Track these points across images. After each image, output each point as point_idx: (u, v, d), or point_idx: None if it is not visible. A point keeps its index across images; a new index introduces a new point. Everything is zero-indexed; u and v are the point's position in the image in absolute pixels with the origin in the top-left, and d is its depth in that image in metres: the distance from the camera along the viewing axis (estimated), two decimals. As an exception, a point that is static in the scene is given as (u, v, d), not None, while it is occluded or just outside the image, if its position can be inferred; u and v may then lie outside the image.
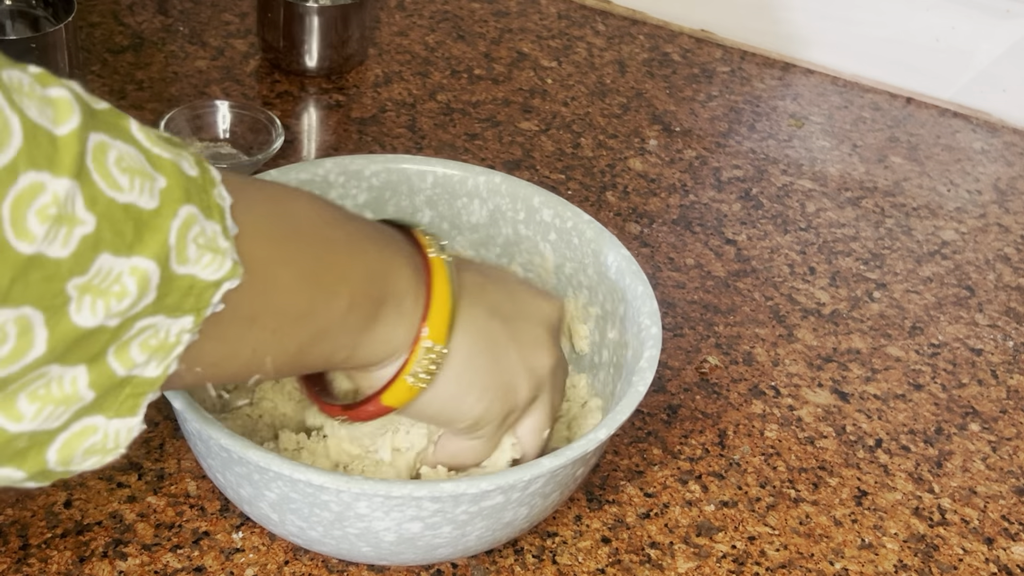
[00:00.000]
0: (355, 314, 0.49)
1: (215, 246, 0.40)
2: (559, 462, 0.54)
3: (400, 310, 0.51)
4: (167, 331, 0.40)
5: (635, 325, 0.63)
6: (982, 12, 1.04)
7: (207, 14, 1.04)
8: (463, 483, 0.52)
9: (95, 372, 0.39)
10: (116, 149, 0.37)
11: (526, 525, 0.59)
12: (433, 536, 0.55)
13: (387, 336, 0.51)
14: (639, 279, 0.64)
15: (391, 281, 0.51)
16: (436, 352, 0.52)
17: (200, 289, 0.40)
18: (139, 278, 0.38)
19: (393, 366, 0.52)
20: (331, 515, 0.54)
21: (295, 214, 0.48)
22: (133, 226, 0.38)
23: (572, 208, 0.69)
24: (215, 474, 0.57)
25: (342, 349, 0.50)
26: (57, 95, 0.36)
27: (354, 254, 0.50)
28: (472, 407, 0.55)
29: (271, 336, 0.46)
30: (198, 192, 0.40)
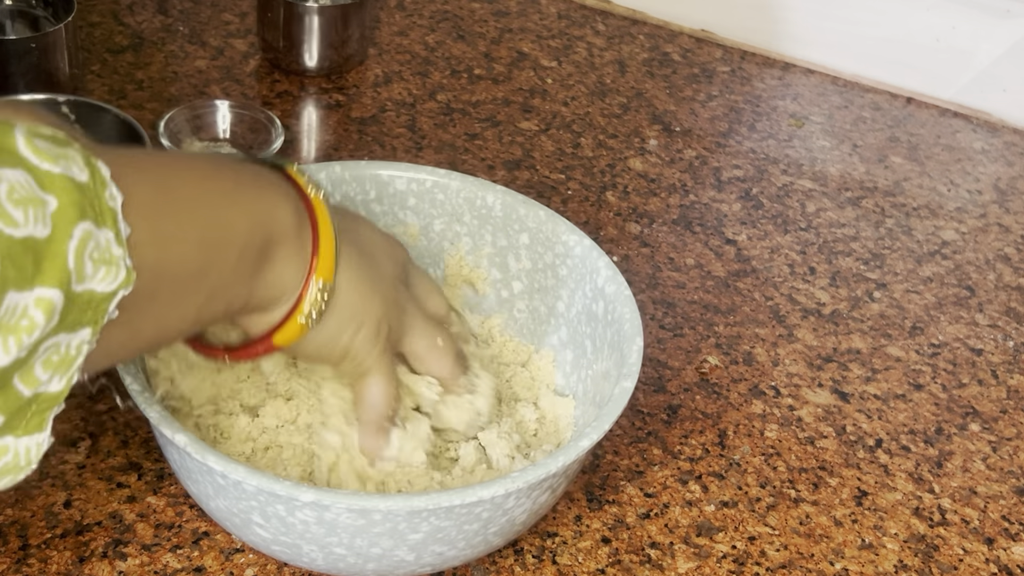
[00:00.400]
0: (245, 262, 0.50)
1: (109, 257, 0.40)
2: (552, 466, 0.54)
3: (287, 249, 0.52)
4: (67, 346, 0.40)
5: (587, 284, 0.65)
6: (982, 12, 1.04)
7: (207, 14, 1.04)
8: (447, 495, 0.52)
9: (2, 398, 0.39)
10: (7, 180, 0.37)
11: (522, 528, 0.59)
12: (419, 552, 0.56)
13: (278, 277, 0.52)
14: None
15: (274, 222, 0.51)
16: (326, 290, 0.53)
17: (97, 302, 0.40)
18: (45, 307, 0.38)
19: (283, 307, 0.53)
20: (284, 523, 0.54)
21: (174, 181, 0.47)
22: (32, 258, 0.37)
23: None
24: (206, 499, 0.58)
25: (237, 299, 0.51)
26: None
27: (235, 203, 0.50)
28: (351, 339, 0.56)
29: (170, 307, 0.46)
30: (90, 202, 0.40)
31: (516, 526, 0.58)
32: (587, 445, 0.55)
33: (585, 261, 0.67)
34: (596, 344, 0.66)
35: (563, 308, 0.69)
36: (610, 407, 0.58)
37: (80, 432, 0.66)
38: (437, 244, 0.72)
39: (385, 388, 0.59)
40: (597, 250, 0.67)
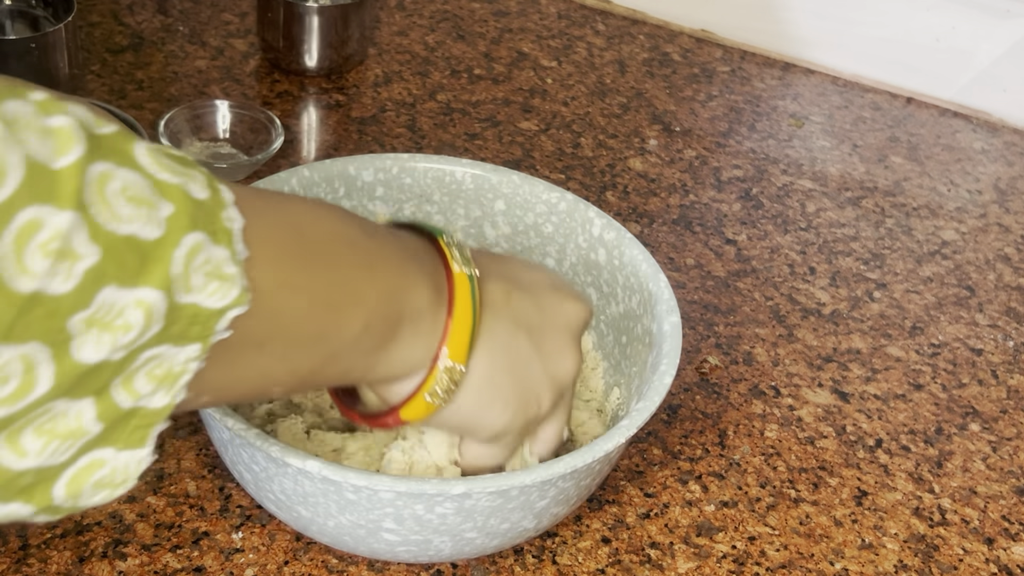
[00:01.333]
0: (370, 335, 0.48)
1: (221, 273, 0.39)
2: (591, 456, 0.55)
3: (418, 329, 0.50)
4: (173, 360, 0.39)
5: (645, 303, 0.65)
6: (982, 12, 1.04)
7: (207, 14, 1.04)
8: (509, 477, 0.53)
9: (102, 404, 0.38)
10: (119, 179, 0.37)
11: (547, 524, 0.60)
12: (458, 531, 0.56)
13: (403, 356, 0.51)
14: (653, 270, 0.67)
15: (409, 300, 0.50)
16: (455, 371, 0.52)
17: (205, 317, 0.39)
18: (144, 310, 0.37)
19: (412, 381, 0.52)
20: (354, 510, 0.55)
21: (312, 233, 0.46)
22: (137, 257, 0.37)
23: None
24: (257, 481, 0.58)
25: (355, 369, 0.49)
26: (59, 125, 0.35)
27: (372, 274, 0.48)
28: (494, 420, 0.55)
29: (280, 360, 0.45)
30: (206, 217, 0.39)
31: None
32: (668, 382, 0.59)
33: (573, 215, 0.69)
34: (605, 290, 0.68)
35: (553, 263, 0.71)
36: (671, 342, 0.61)
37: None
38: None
39: (498, 463, 0.58)
40: (584, 202, 0.69)
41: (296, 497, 0.55)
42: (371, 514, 0.54)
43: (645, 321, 0.65)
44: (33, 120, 0.35)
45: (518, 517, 0.56)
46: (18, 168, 0.33)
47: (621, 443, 0.56)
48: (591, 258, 0.69)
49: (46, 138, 0.35)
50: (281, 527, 0.63)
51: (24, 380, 0.35)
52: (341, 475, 0.52)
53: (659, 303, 0.64)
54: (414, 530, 0.55)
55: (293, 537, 0.62)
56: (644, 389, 0.60)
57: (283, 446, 0.52)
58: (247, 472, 0.57)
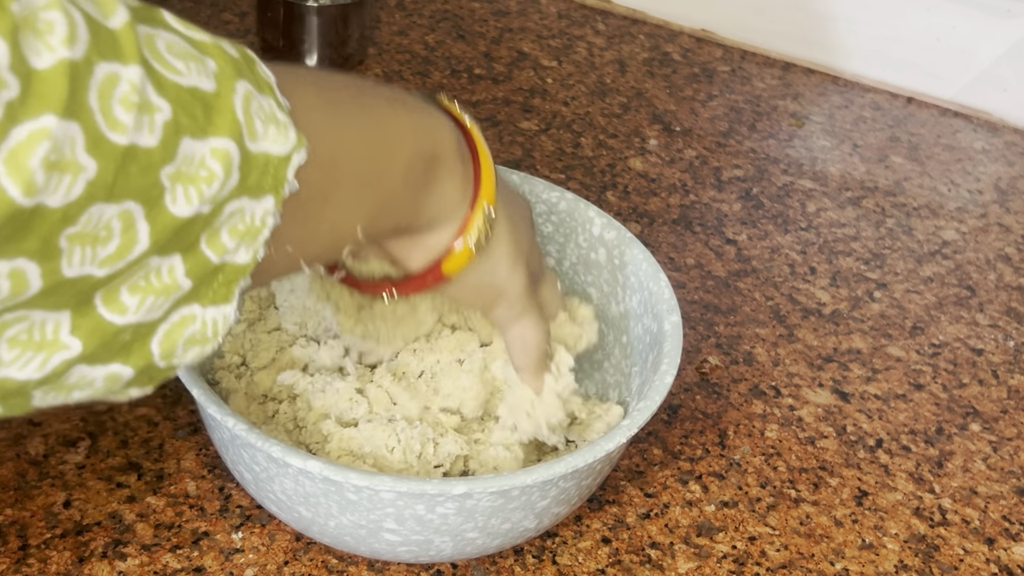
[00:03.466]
0: (413, 173, 0.49)
1: (276, 119, 0.40)
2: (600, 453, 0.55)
3: (451, 169, 0.51)
4: (252, 214, 0.40)
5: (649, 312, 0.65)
6: (983, 12, 1.04)
7: (207, 13, 1.04)
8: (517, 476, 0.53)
9: (190, 260, 0.39)
10: (163, 38, 0.37)
11: (548, 522, 0.60)
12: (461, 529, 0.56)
13: (443, 195, 0.51)
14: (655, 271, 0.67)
15: (439, 138, 0.51)
16: (491, 215, 0.53)
17: (275, 165, 0.40)
18: (222, 158, 0.38)
19: (445, 233, 0.52)
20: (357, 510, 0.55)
21: (331, 85, 0.47)
22: (202, 108, 0.37)
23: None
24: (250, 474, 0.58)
25: (406, 213, 0.50)
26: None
27: (398, 114, 0.49)
28: (508, 274, 0.56)
29: (344, 210, 0.46)
30: (246, 69, 0.40)
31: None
32: (669, 381, 0.58)
33: (573, 214, 0.69)
34: (605, 289, 0.68)
35: (553, 263, 0.71)
36: (671, 341, 0.61)
37: (79, 432, 0.66)
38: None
39: (542, 329, 0.59)
40: (584, 202, 0.69)
41: (297, 497, 0.55)
42: (372, 514, 0.54)
43: (646, 321, 0.65)
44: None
45: (519, 517, 0.56)
46: (84, 26, 0.34)
47: (622, 443, 0.56)
48: (591, 258, 0.69)
49: (93, 2, 0.35)
50: (281, 527, 0.63)
51: (125, 238, 0.36)
52: (342, 475, 0.52)
53: (660, 303, 0.64)
54: (415, 530, 0.55)
55: (293, 537, 0.62)
56: (645, 389, 0.60)
57: (284, 446, 0.52)
58: (247, 472, 0.57)
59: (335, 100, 0.46)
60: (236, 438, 0.55)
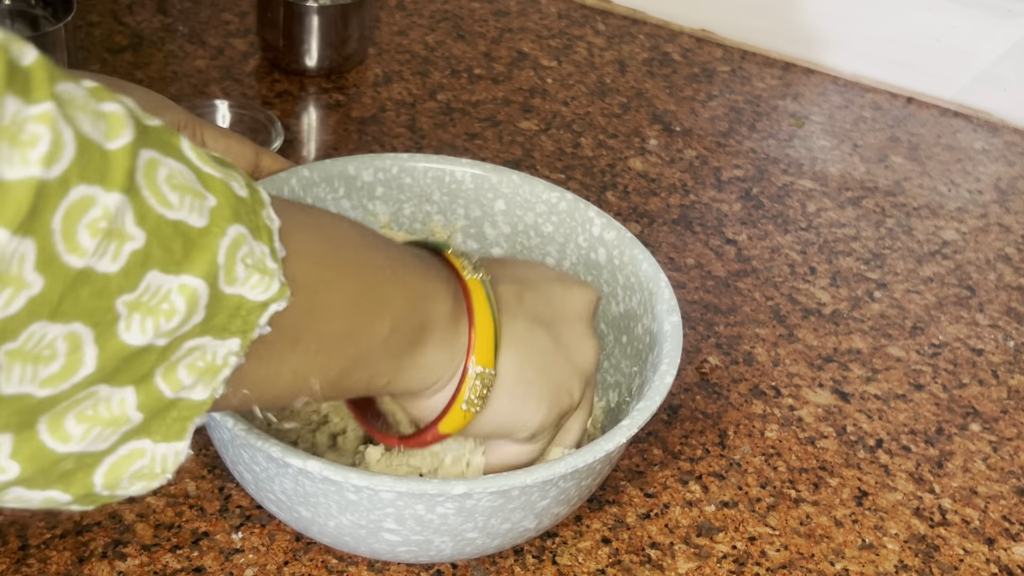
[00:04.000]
0: (396, 339, 0.49)
1: (263, 267, 0.40)
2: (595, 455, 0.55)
3: (442, 336, 0.51)
4: (214, 353, 0.40)
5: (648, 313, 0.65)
6: (983, 12, 1.03)
7: (206, 13, 1.04)
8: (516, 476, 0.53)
9: (143, 393, 0.38)
10: (167, 166, 0.37)
11: (548, 523, 0.60)
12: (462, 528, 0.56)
13: (429, 362, 0.51)
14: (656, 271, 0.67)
15: (431, 306, 0.51)
16: (486, 376, 0.53)
17: (247, 310, 0.40)
18: (188, 296, 0.37)
19: (443, 393, 0.53)
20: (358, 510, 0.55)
21: (338, 237, 0.48)
22: (182, 243, 0.37)
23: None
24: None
25: (383, 374, 0.50)
26: (110, 110, 0.36)
27: (395, 278, 0.49)
28: (530, 418, 0.56)
29: (313, 358, 0.45)
30: (247, 212, 0.40)
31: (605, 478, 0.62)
32: (669, 381, 0.59)
33: (573, 215, 0.69)
34: (605, 289, 0.68)
35: (554, 263, 0.71)
36: (671, 341, 0.61)
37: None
38: (408, 227, 0.72)
39: (531, 460, 0.59)
40: (584, 202, 0.69)
41: (297, 497, 0.55)
42: (372, 514, 0.54)
43: (646, 321, 0.65)
44: (86, 102, 0.35)
45: (519, 517, 0.56)
46: (71, 145, 0.34)
47: (622, 443, 0.56)
48: (591, 258, 0.69)
49: (98, 120, 0.35)
50: (281, 527, 0.63)
51: (69, 360, 0.36)
52: (342, 475, 0.52)
53: (660, 303, 0.64)
54: (415, 530, 0.55)
55: (293, 537, 0.62)
56: (645, 389, 0.60)
57: (283, 446, 0.52)
58: (247, 472, 0.57)
59: (334, 257, 0.46)
60: (236, 438, 0.55)
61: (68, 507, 0.40)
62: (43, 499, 0.39)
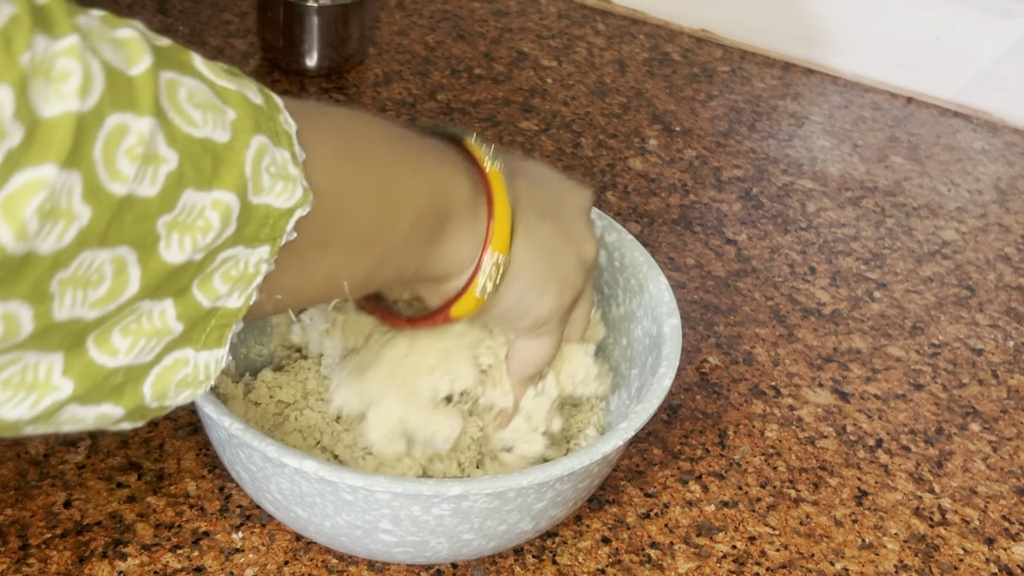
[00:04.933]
0: (420, 231, 0.50)
1: (286, 173, 0.41)
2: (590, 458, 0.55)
3: (463, 223, 0.52)
4: (246, 261, 0.41)
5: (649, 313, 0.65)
6: (983, 12, 1.04)
7: (207, 14, 1.04)
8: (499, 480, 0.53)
9: (182, 304, 0.40)
10: (186, 86, 0.38)
11: (546, 524, 0.60)
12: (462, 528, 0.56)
13: (453, 250, 0.52)
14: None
15: (452, 195, 0.52)
16: (501, 263, 0.54)
17: (275, 218, 0.41)
18: (221, 211, 0.38)
19: (460, 278, 0.54)
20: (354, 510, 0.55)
21: (356, 135, 0.48)
22: (211, 160, 0.38)
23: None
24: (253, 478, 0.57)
25: (409, 265, 0.51)
26: (126, 36, 0.36)
27: (415, 171, 0.50)
28: (535, 305, 0.57)
29: (343, 260, 0.47)
30: (266, 120, 0.40)
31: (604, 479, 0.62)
32: (668, 384, 0.59)
33: None
34: (606, 292, 0.68)
35: None
36: (670, 344, 0.61)
37: (80, 432, 0.66)
38: None
39: (551, 351, 0.60)
40: None
41: (293, 497, 0.55)
42: (368, 515, 0.54)
43: (645, 323, 0.65)
44: (103, 31, 0.36)
45: (515, 519, 0.56)
46: (100, 76, 0.34)
47: (619, 445, 0.56)
48: None
49: (118, 48, 0.36)
50: (281, 527, 0.63)
51: (116, 282, 0.37)
52: (338, 475, 0.52)
53: (659, 305, 0.64)
54: (411, 531, 0.55)
55: (293, 537, 0.62)
56: (643, 391, 0.60)
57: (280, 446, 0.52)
58: (244, 472, 0.57)
59: (353, 151, 0.47)
60: (232, 438, 0.55)
61: (119, 425, 0.41)
62: (97, 415, 0.40)
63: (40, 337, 0.36)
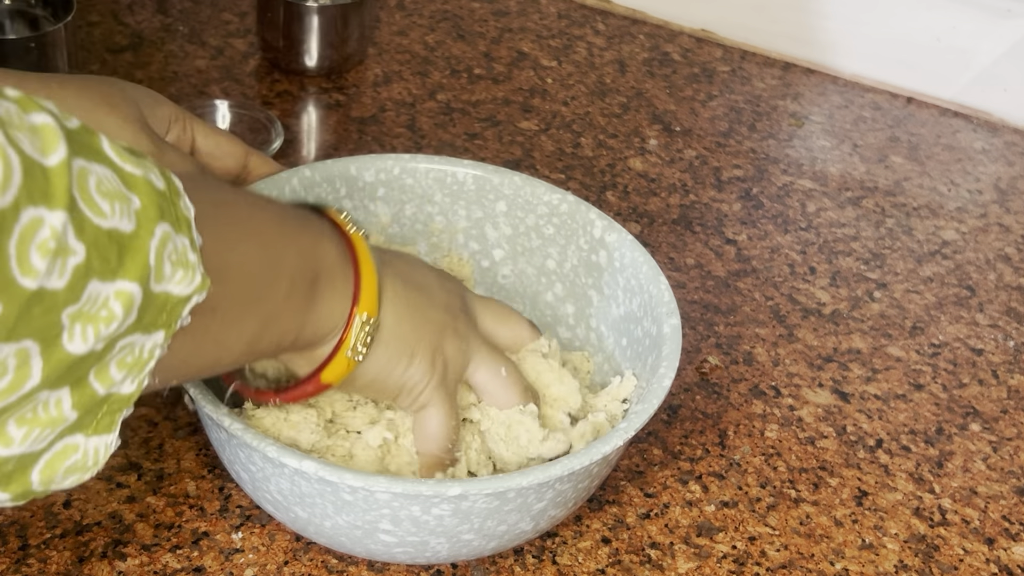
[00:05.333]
0: (295, 294, 0.51)
1: (186, 261, 0.41)
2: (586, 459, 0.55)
3: (333, 285, 0.53)
4: (141, 347, 0.41)
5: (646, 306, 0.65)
6: (983, 12, 1.03)
7: (206, 13, 1.04)
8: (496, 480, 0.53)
9: (78, 393, 0.40)
10: (95, 173, 0.38)
11: (545, 525, 0.60)
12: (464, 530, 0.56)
13: (326, 313, 0.53)
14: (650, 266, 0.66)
15: (320, 258, 0.52)
16: (371, 324, 0.54)
17: (173, 304, 0.41)
18: (124, 301, 0.39)
19: (329, 344, 0.54)
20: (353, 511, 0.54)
21: (230, 204, 0.49)
22: (117, 250, 0.38)
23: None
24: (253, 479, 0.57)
25: (290, 331, 0.52)
26: (41, 123, 0.36)
27: (285, 236, 0.51)
28: (405, 372, 0.57)
29: (230, 324, 0.47)
30: (168, 206, 0.41)
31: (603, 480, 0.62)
32: (668, 384, 0.59)
33: (574, 216, 0.69)
34: (606, 292, 0.68)
35: (554, 265, 0.71)
36: (670, 344, 0.61)
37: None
38: (409, 228, 0.72)
39: (443, 421, 0.59)
40: (585, 204, 0.69)
41: (293, 497, 0.55)
42: (368, 515, 0.54)
43: (645, 324, 0.64)
44: (20, 118, 0.35)
45: (515, 519, 0.56)
46: (19, 170, 0.34)
47: (619, 446, 0.56)
48: (592, 260, 0.69)
49: (34, 136, 0.36)
50: (281, 527, 0.63)
51: (18, 374, 0.37)
52: (338, 476, 0.52)
53: (659, 305, 0.64)
54: (411, 531, 0.55)
55: (293, 537, 0.62)
56: (643, 391, 0.60)
57: (280, 446, 0.52)
58: (244, 472, 0.57)
59: (232, 224, 0.48)
60: (232, 438, 0.55)
61: (3, 504, 0.41)
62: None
63: None
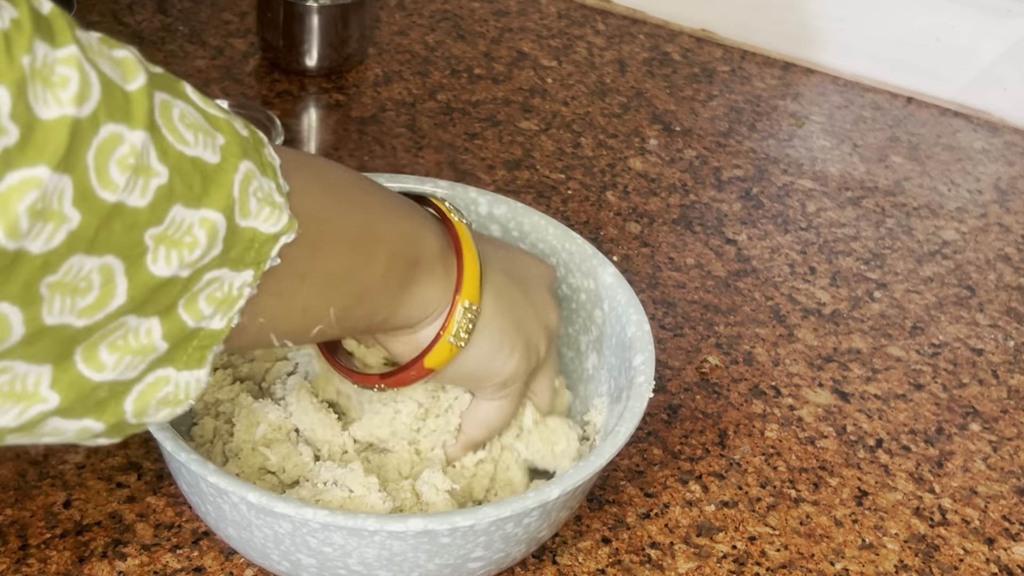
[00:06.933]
0: (392, 275, 0.51)
1: (272, 200, 0.42)
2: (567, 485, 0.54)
3: (432, 271, 0.53)
4: (230, 284, 0.42)
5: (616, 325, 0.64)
6: (983, 11, 1.04)
7: (206, 13, 1.04)
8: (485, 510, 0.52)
9: (168, 323, 0.40)
10: (178, 107, 0.39)
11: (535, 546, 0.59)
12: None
13: (422, 297, 0.53)
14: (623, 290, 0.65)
15: (423, 244, 0.53)
16: (472, 311, 0.54)
17: (260, 242, 0.42)
18: (208, 229, 0.39)
19: (430, 328, 0.54)
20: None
21: (332, 179, 0.50)
22: (200, 179, 0.39)
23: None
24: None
25: (382, 309, 0.52)
26: (122, 56, 0.38)
27: (388, 217, 0.52)
28: (504, 364, 0.57)
29: (319, 295, 0.47)
30: (252, 150, 0.42)
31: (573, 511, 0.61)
32: (623, 440, 0.56)
33: (454, 200, 0.67)
34: (578, 324, 0.67)
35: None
36: (643, 351, 0.60)
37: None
38: None
39: (507, 414, 0.61)
40: (462, 185, 0.68)
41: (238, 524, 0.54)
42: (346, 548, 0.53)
43: (572, 280, 0.64)
44: (101, 48, 0.37)
45: (458, 557, 0.54)
46: (97, 86, 0.36)
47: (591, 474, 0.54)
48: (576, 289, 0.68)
49: (115, 65, 0.37)
50: (281, 527, 0.62)
51: (103, 291, 0.38)
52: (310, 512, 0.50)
53: (584, 260, 0.63)
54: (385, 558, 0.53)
55: (293, 537, 0.62)
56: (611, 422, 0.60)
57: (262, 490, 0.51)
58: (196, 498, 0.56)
59: (331, 196, 0.49)
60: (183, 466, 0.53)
61: (97, 439, 0.42)
62: (78, 429, 0.41)
63: (30, 343, 0.37)
